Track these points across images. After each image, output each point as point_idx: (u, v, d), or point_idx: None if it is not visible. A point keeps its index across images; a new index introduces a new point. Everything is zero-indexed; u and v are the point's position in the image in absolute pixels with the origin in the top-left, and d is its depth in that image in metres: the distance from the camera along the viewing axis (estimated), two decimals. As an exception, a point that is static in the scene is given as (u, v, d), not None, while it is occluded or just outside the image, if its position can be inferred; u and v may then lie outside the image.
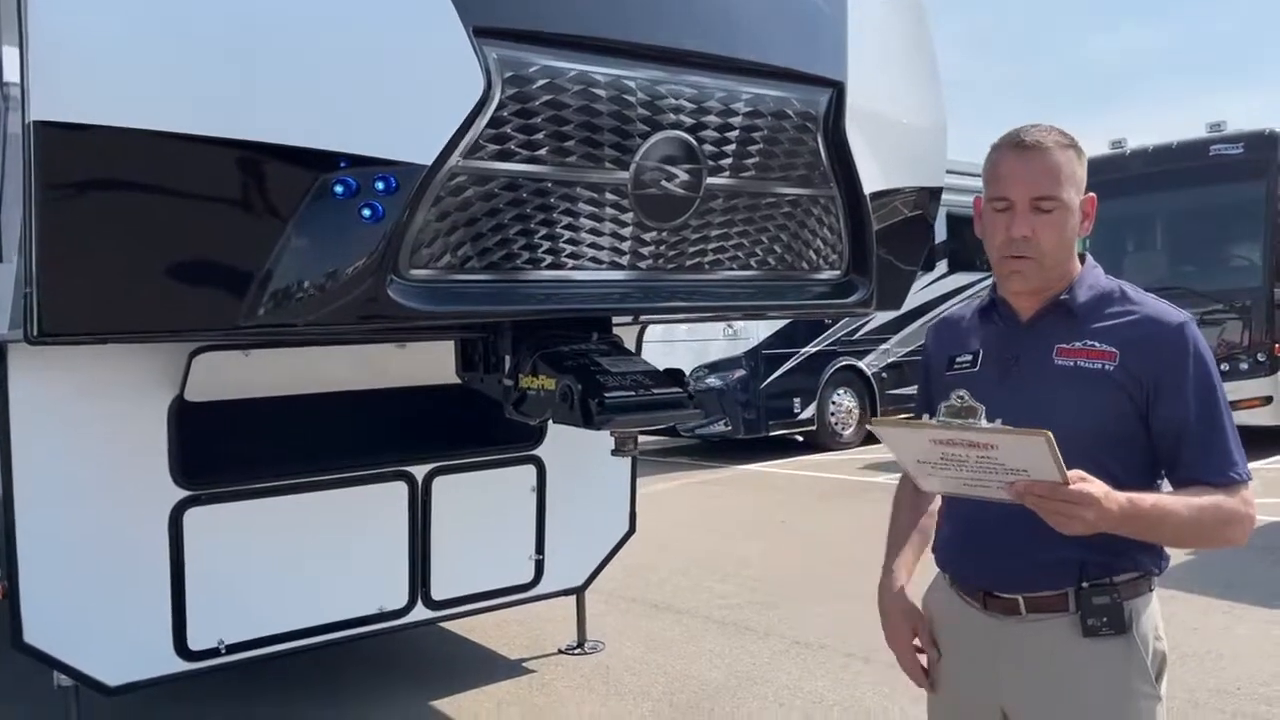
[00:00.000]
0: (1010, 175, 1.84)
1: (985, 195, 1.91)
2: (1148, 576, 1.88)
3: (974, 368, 1.96)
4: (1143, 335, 1.82)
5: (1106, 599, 1.82)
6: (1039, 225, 1.82)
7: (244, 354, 3.68)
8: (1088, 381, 1.82)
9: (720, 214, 3.00)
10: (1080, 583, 1.82)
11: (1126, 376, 1.80)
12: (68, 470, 3.42)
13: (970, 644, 1.97)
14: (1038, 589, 1.86)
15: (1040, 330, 1.90)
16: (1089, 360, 1.83)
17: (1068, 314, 1.88)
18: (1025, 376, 1.88)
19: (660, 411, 2.92)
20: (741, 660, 4.81)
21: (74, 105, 2.15)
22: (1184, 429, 1.80)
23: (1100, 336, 1.84)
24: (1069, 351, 1.85)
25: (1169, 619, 1.97)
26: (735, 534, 7.55)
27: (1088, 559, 1.81)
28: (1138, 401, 1.81)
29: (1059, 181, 1.83)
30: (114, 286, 2.32)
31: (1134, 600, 1.85)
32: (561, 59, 2.62)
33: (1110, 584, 1.83)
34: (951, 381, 1.97)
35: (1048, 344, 1.87)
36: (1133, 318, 1.85)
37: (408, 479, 4.17)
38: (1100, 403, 1.81)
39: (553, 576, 4.63)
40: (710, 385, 10.74)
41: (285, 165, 2.34)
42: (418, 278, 2.52)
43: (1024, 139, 1.84)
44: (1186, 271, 10.43)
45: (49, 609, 3.42)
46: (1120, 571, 1.84)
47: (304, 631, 3.97)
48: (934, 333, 2.15)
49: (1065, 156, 1.84)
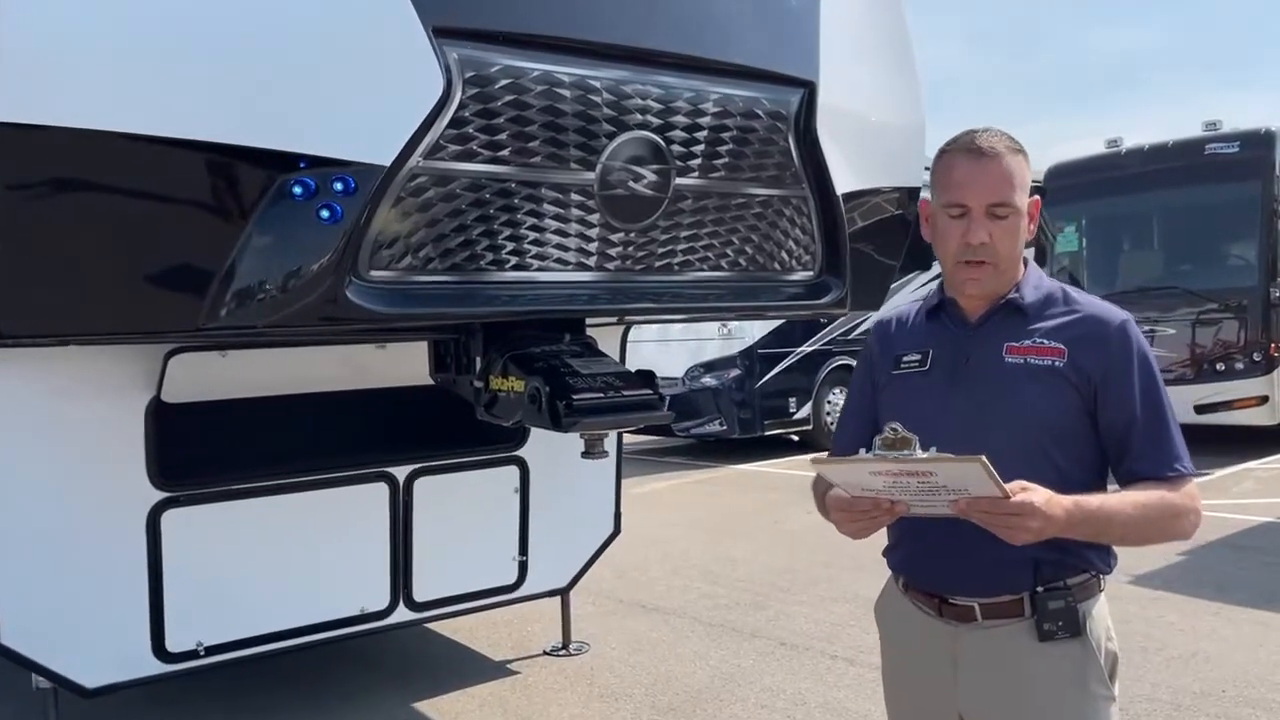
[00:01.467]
0: (965, 181, 1.84)
1: (938, 200, 1.90)
2: (1098, 577, 1.90)
3: (923, 367, 1.97)
4: (1088, 333, 1.86)
5: (1061, 602, 1.83)
6: (995, 232, 1.84)
7: (221, 355, 3.67)
8: (1037, 377, 1.84)
9: (690, 215, 2.99)
10: (1035, 586, 1.83)
11: (1075, 372, 1.83)
12: (45, 471, 3.41)
13: (926, 650, 1.96)
14: (992, 593, 1.86)
15: (989, 330, 1.91)
16: (1039, 357, 1.85)
17: (1016, 312, 1.90)
18: (976, 375, 1.90)
19: (630, 413, 2.91)
20: (726, 662, 4.80)
21: (30, 106, 2.15)
22: (1130, 424, 1.83)
23: (1049, 334, 1.87)
24: (1019, 349, 1.87)
25: (1157, 620, 1.97)
26: (727, 534, 7.54)
27: (1041, 558, 1.81)
28: (1085, 397, 1.83)
29: (1013, 188, 1.84)
30: (73, 288, 2.32)
31: (1086, 602, 1.86)
32: (524, 59, 2.61)
33: (1064, 587, 1.84)
34: (898, 379, 2.00)
35: (997, 343, 1.89)
36: (1077, 316, 1.88)
37: (389, 480, 4.17)
38: (1050, 398, 1.84)
39: (536, 578, 4.62)
40: (705, 384, 10.72)
41: (243, 166, 2.34)
42: (378, 279, 2.52)
43: (979, 144, 1.84)
44: (1182, 271, 10.40)
45: (26, 611, 3.42)
46: (1073, 572, 1.85)
47: (284, 633, 3.96)
48: (877, 331, 2.14)
49: (1017, 162, 1.85)
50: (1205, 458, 9.37)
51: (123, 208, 2.31)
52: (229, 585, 3.83)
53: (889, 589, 2.09)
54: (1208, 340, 9.94)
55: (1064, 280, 10.12)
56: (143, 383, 3.56)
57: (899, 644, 2.06)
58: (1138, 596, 5.35)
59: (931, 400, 1.92)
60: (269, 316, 2.42)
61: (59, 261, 2.29)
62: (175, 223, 2.36)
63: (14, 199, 2.21)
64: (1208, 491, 8.19)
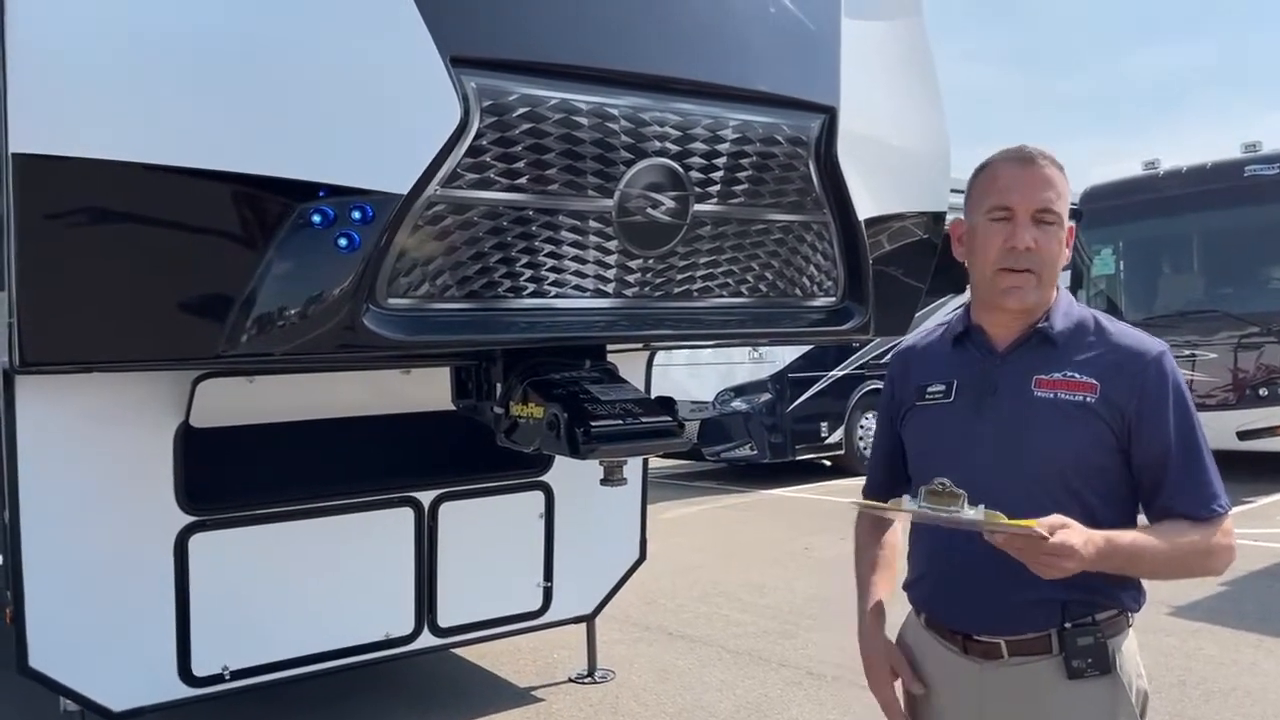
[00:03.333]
0: (1012, 186, 1.79)
1: (980, 206, 1.83)
2: (1125, 613, 1.83)
3: (948, 398, 1.90)
4: (1122, 366, 1.78)
5: (1090, 639, 1.77)
6: (1040, 238, 1.77)
7: (248, 380, 3.71)
8: (1068, 414, 1.77)
9: (709, 241, 2.98)
10: (1063, 623, 1.77)
11: (1107, 408, 1.75)
12: (74, 495, 3.45)
13: (950, 687, 1.91)
14: (1019, 631, 1.80)
15: (1018, 360, 1.84)
16: (1069, 392, 1.77)
17: (1046, 342, 1.83)
18: (1003, 408, 1.82)
19: (648, 440, 2.90)
20: (752, 691, 4.74)
21: (53, 138, 2.19)
22: (1165, 461, 1.76)
23: (1080, 367, 1.79)
24: (1048, 383, 1.79)
25: (1196, 653, 1.91)
26: (757, 560, 7.47)
27: (1069, 599, 1.75)
28: (1118, 433, 1.76)
29: (1058, 194, 1.79)
30: (95, 317, 2.35)
31: (1115, 638, 1.80)
32: (542, 87, 2.62)
33: (1093, 623, 1.78)
34: (921, 410, 1.94)
35: (1026, 374, 1.81)
36: (1111, 348, 1.81)
37: (414, 505, 4.18)
38: (1080, 435, 1.76)
39: (561, 604, 4.60)
40: (736, 409, 10.66)
41: (263, 195, 2.36)
42: (395, 307, 2.53)
43: (1025, 151, 1.81)
44: (1223, 294, 10.20)
45: (54, 634, 3.45)
46: (1101, 609, 1.79)
47: (309, 658, 3.97)
48: (899, 361, 2.08)
49: (1059, 176, 1.81)
50: (1247, 485, 9.15)
51: (145, 237, 2.34)
52: (255, 609, 3.84)
53: (910, 622, 2.03)
54: (1250, 365, 9.72)
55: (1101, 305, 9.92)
56: (172, 408, 3.60)
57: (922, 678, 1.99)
58: (1177, 629, 5.21)
59: (956, 433, 1.86)
60: (288, 344, 2.44)
61: (82, 290, 2.32)
62: (196, 252, 2.39)
63: (39, 229, 2.25)
64: (1250, 520, 7.99)
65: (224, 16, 2.34)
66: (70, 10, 2.20)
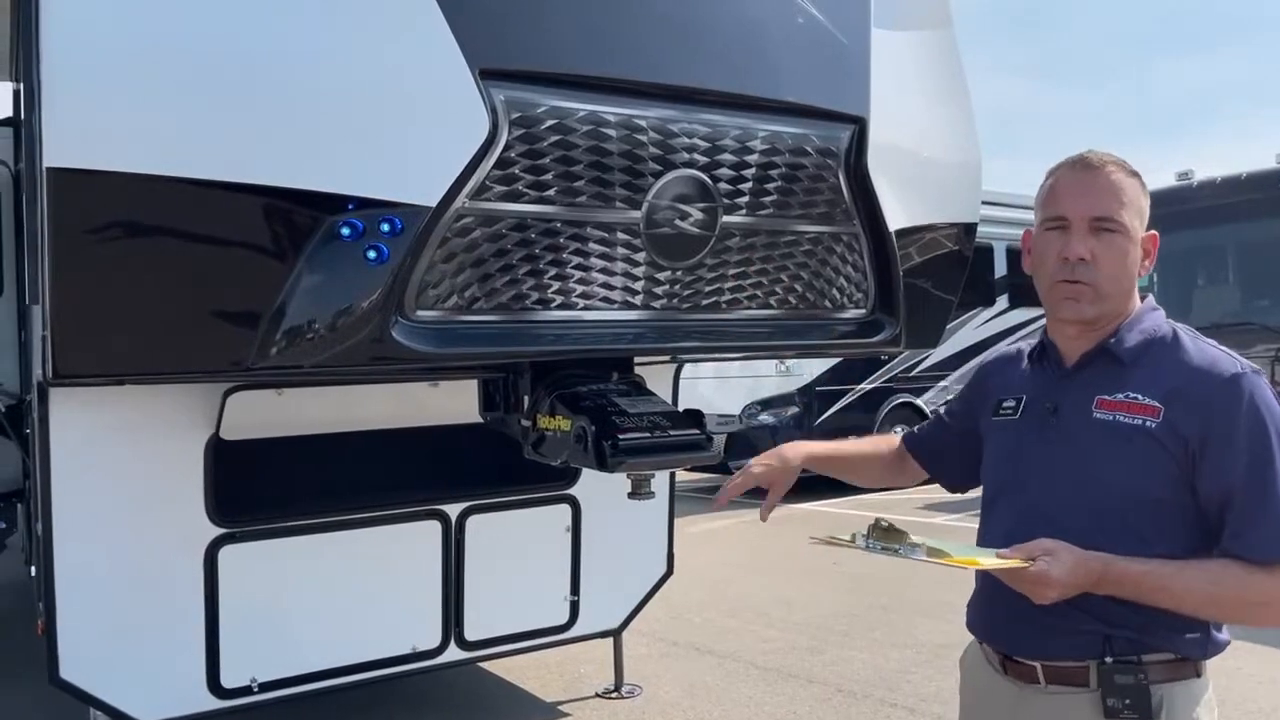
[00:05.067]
0: (1066, 193, 1.71)
1: (1039, 218, 1.78)
2: (1190, 661, 1.67)
3: (1015, 415, 1.82)
4: (1190, 389, 1.63)
5: (1130, 679, 1.62)
6: (1098, 248, 1.67)
7: (278, 393, 3.72)
8: (1126, 439, 1.64)
9: (737, 252, 2.96)
10: (1104, 656, 1.65)
11: (1169, 435, 1.61)
12: (106, 507, 3.47)
13: (990, 705, 1.85)
14: (1056, 657, 1.70)
15: (1083, 378, 1.74)
16: (1129, 415, 1.65)
17: (1113, 360, 1.71)
18: (1063, 430, 1.73)
19: (676, 454, 2.87)
20: (782, 708, 4.68)
21: (86, 152, 2.21)
22: (1228, 498, 1.60)
23: (1144, 388, 1.66)
24: (1109, 404, 1.67)
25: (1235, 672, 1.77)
26: (785, 575, 7.41)
27: (1113, 633, 1.64)
28: (1182, 464, 1.61)
29: (1121, 203, 1.68)
30: (127, 329, 2.37)
31: (1168, 685, 1.64)
32: (570, 99, 2.62)
33: (1137, 663, 1.64)
34: (996, 427, 1.88)
35: (1089, 394, 1.71)
36: (1184, 368, 1.66)
37: (441, 518, 4.17)
38: (1138, 465, 1.63)
39: (588, 618, 4.57)
40: (763, 422, 10.62)
41: (293, 208, 2.37)
42: (424, 319, 2.53)
43: (1085, 158, 1.72)
44: (1260, 306, 10.04)
45: (85, 645, 3.47)
46: (1151, 650, 1.65)
47: (337, 670, 3.97)
48: (985, 370, 2.01)
49: (1129, 182, 1.70)
50: None
51: (176, 250, 2.36)
52: (283, 622, 3.85)
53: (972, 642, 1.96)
54: (1287, 378, 9.56)
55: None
56: (202, 420, 3.61)
57: (970, 693, 1.95)
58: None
59: (1019, 454, 1.78)
60: (317, 356, 2.44)
61: (115, 303, 2.34)
62: (227, 264, 2.40)
63: (72, 243, 2.27)
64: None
65: (254, 31, 2.36)
66: (103, 25, 2.22)
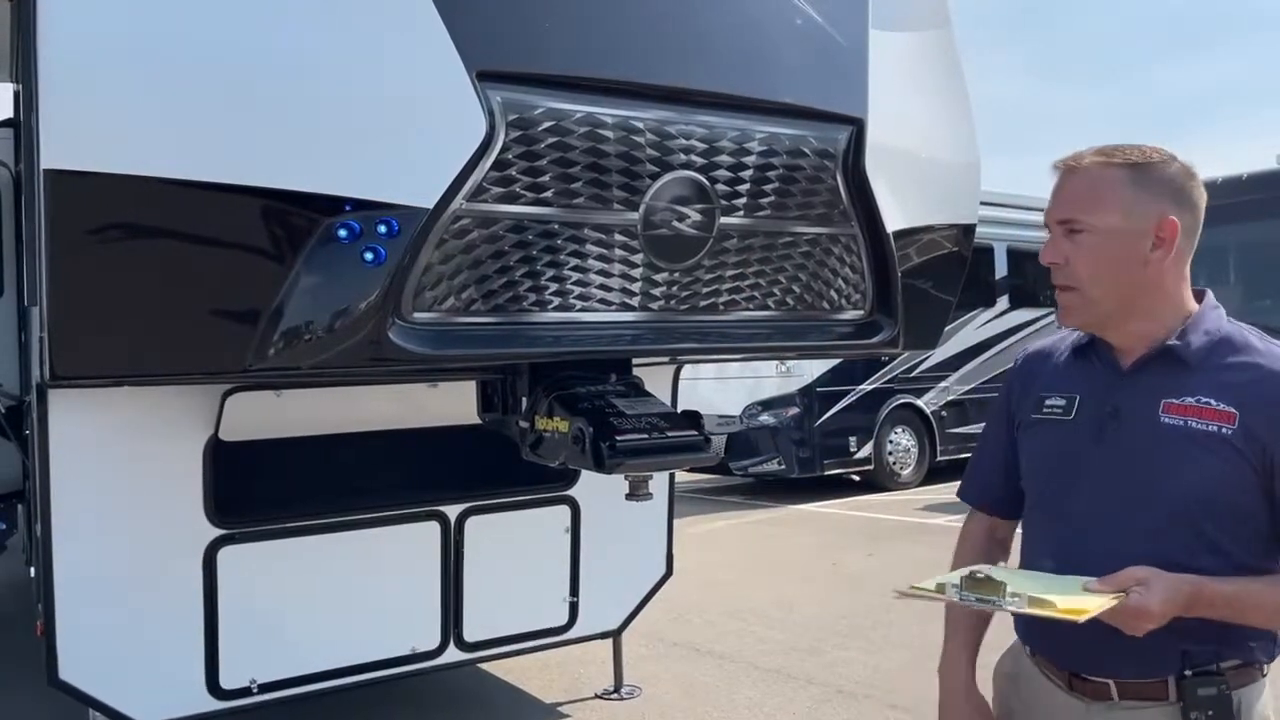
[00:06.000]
0: (1050, 198, 1.69)
1: None
2: (1257, 665, 1.65)
3: (1067, 416, 1.73)
4: (1268, 392, 1.57)
5: (1213, 689, 1.59)
6: (1071, 251, 1.64)
7: (276, 394, 3.72)
8: (1200, 445, 1.57)
9: (735, 254, 2.96)
10: (1183, 670, 1.60)
11: (1247, 441, 1.55)
12: (105, 508, 3.48)
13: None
14: (1133, 674, 1.64)
15: (1145, 380, 1.65)
16: (1202, 420, 1.57)
17: (1178, 363, 1.63)
18: (1126, 435, 1.64)
19: (674, 455, 2.87)
20: (781, 709, 4.68)
21: (85, 154, 2.21)
22: None
23: (1217, 392, 1.58)
24: (1179, 409, 1.59)
25: None
26: (785, 576, 7.41)
27: (1191, 648, 1.59)
28: (1260, 471, 1.56)
29: (1088, 202, 1.62)
30: (124, 331, 2.37)
31: (1243, 689, 1.62)
32: (567, 101, 2.62)
33: (1217, 672, 1.60)
34: (1039, 425, 1.78)
35: (1154, 398, 1.62)
36: (1258, 371, 1.59)
37: (440, 519, 4.17)
38: (1215, 471, 1.56)
39: (587, 619, 4.57)
40: (764, 423, 10.62)
41: (290, 210, 2.38)
42: (421, 320, 2.53)
43: (1068, 157, 1.68)
44: (1261, 307, 10.03)
45: (84, 646, 3.47)
46: (1227, 658, 1.62)
47: (336, 672, 3.97)
48: (1021, 365, 1.90)
49: (1107, 175, 1.62)
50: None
51: (174, 252, 2.36)
52: (283, 623, 3.85)
53: (1014, 650, 1.86)
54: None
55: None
56: (201, 421, 3.62)
57: (1019, 707, 1.82)
58: None
59: (1073, 458, 1.69)
60: (314, 357, 2.44)
61: (113, 304, 2.34)
62: (225, 266, 2.40)
63: (70, 244, 2.27)
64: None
65: (252, 33, 2.36)
66: (101, 27, 2.22)
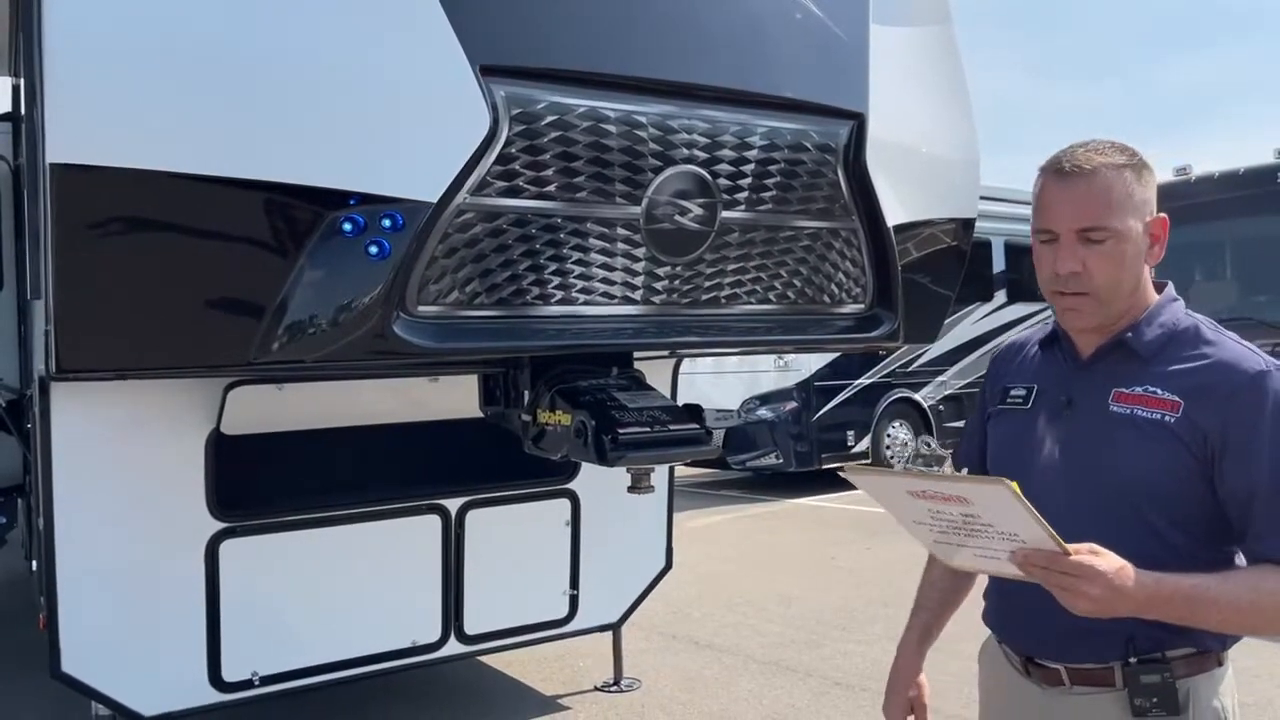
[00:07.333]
0: (1053, 204, 1.65)
1: (1032, 226, 1.74)
2: (1210, 653, 1.66)
3: (1025, 405, 1.78)
4: (1212, 383, 1.59)
5: (1157, 678, 1.61)
6: (1090, 258, 1.62)
7: (278, 388, 3.73)
8: (1143, 433, 1.61)
9: (737, 248, 2.98)
10: (1128, 657, 1.63)
11: (1189, 430, 1.58)
12: (107, 502, 3.49)
13: (1015, 707, 1.81)
14: (1079, 659, 1.68)
15: (1099, 371, 1.70)
16: (1147, 409, 1.61)
17: (1131, 354, 1.68)
18: (1076, 422, 1.69)
19: (676, 448, 2.89)
20: (780, 701, 4.71)
21: (89, 148, 2.22)
22: (1252, 497, 1.56)
23: (1163, 382, 1.62)
24: (1127, 397, 1.64)
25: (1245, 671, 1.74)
26: (783, 570, 7.43)
27: (1136, 632, 1.60)
28: (1201, 460, 1.58)
29: (1109, 207, 1.61)
30: (130, 324, 2.38)
31: (1193, 679, 1.63)
32: (570, 95, 2.63)
33: (1162, 659, 1.62)
34: (1002, 415, 1.84)
35: (1105, 387, 1.67)
36: (1203, 362, 1.62)
37: (441, 512, 4.19)
38: (1154, 458, 1.59)
39: (587, 612, 4.59)
40: (761, 417, 10.63)
41: (295, 204, 2.39)
42: (425, 314, 2.54)
43: (1063, 163, 1.64)
44: (1258, 301, 10.07)
45: (86, 639, 3.48)
46: (1175, 646, 1.63)
47: (337, 664, 3.99)
48: (997, 358, 1.96)
49: (1118, 177, 1.62)
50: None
51: (178, 246, 2.37)
52: (284, 616, 3.87)
53: (989, 639, 1.91)
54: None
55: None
56: (203, 415, 3.63)
57: (991, 693, 1.91)
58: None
59: (1025, 445, 1.75)
60: (318, 351, 2.45)
61: (117, 298, 2.35)
62: (229, 260, 2.41)
63: (75, 238, 2.28)
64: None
65: (256, 27, 2.37)
66: (105, 21, 2.23)
